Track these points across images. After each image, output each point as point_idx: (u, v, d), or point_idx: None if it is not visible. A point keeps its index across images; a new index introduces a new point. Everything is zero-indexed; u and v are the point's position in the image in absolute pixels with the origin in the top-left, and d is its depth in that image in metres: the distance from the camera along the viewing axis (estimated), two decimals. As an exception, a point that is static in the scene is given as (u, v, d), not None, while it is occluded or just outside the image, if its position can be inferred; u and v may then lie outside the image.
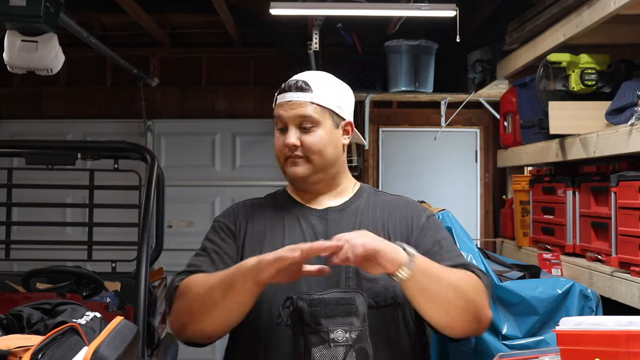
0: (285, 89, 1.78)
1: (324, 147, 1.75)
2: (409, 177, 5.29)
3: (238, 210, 1.84)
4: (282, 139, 1.76)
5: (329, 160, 1.77)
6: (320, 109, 1.75)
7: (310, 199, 1.82)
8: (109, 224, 3.90)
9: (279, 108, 1.77)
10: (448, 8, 3.58)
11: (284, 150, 1.76)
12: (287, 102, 1.76)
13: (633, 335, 1.30)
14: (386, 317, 1.65)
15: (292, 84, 1.77)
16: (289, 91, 1.77)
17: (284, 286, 1.54)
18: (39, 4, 2.74)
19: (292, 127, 1.74)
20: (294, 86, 1.77)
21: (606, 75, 2.79)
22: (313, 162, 1.75)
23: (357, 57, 4.92)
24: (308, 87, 1.76)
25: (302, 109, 1.74)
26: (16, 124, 5.53)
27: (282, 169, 1.80)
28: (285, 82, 1.80)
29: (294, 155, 1.75)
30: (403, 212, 1.80)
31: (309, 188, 1.81)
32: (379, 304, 1.64)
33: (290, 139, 1.73)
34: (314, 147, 1.74)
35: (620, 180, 2.32)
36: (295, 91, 1.76)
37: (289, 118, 1.74)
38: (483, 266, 2.23)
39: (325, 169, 1.77)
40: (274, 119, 1.80)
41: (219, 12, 4.48)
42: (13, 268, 4.86)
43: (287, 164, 1.77)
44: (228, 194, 5.46)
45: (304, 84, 1.77)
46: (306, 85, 1.76)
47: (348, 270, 1.66)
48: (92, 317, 1.76)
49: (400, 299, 1.66)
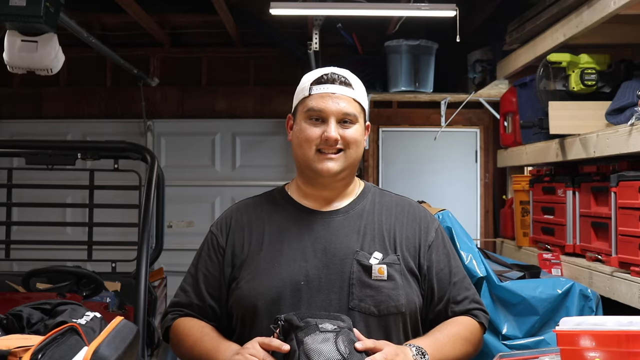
0: (326, 80, 1.71)
1: (359, 143, 1.73)
2: (409, 177, 5.29)
3: (232, 220, 1.79)
4: (316, 130, 1.69)
5: (357, 158, 1.75)
6: (359, 107, 1.73)
7: (315, 201, 1.77)
8: (109, 224, 3.90)
9: (318, 99, 1.69)
10: (448, 8, 3.58)
11: (316, 141, 1.69)
12: (329, 94, 1.69)
13: (633, 335, 1.30)
14: (388, 325, 1.65)
15: (336, 77, 1.72)
16: (332, 83, 1.71)
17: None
18: (39, 4, 2.74)
19: (333, 121, 1.69)
20: (337, 79, 1.71)
21: (606, 75, 2.79)
22: (349, 155, 1.71)
23: (357, 57, 4.92)
24: (350, 83, 1.73)
25: (347, 104, 1.70)
26: (16, 124, 5.54)
27: (306, 163, 1.72)
28: (321, 72, 1.73)
29: (330, 150, 1.69)
30: (410, 218, 1.78)
31: (330, 186, 1.75)
32: (381, 312, 1.64)
33: (333, 132, 1.68)
34: (352, 140, 1.70)
35: (620, 180, 2.32)
36: (340, 85, 1.71)
37: (332, 111, 1.68)
38: (483, 266, 2.24)
39: (352, 166, 1.74)
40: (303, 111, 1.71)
41: (219, 12, 4.48)
42: (13, 268, 4.87)
43: (317, 158, 1.70)
44: (228, 194, 5.46)
45: (346, 79, 1.72)
46: (348, 81, 1.73)
47: (352, 277, 1.65)
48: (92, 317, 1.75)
49: (404, 308, 1.66)
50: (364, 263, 1.66)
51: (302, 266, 1.66)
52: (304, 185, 1.79)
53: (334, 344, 1.44)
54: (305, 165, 1.73)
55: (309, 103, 1.71)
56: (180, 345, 1.74)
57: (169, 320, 1.78)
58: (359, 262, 1.66)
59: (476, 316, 1.75)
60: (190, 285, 1.78)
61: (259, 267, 1.69)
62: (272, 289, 1.64)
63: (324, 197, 1.77)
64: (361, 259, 1.67)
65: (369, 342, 1.51)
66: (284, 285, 1.64)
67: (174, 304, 1.80)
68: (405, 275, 1.69)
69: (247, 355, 1.51)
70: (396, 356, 1.52)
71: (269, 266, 1.68)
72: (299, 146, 1.72)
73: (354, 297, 1.63)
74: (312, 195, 1.78)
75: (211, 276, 1.75)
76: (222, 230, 1.78)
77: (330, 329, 1.47)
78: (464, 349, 1.68)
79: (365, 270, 1.66)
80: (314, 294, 1.63)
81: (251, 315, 1.66)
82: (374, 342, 1.52)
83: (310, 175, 1.74)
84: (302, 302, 1.63)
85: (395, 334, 1.66)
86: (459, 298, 1.74)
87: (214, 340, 1.67)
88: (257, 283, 1.66)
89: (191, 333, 1.71)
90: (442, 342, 1.64)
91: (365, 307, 1.63)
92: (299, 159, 1.75)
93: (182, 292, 1.79)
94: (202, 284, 1.75)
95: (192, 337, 1.70)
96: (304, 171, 1.75)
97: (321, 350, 1.42)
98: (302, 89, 1.74)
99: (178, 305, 1.78)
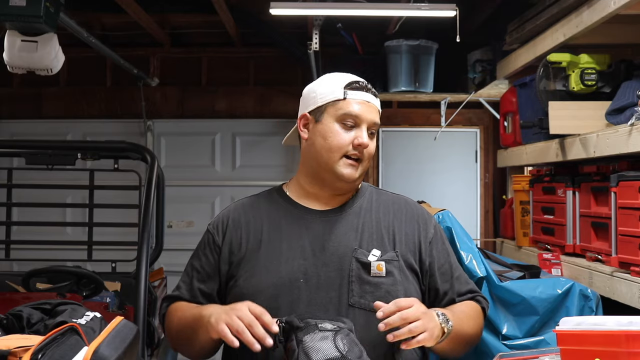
0: (360, 88, 1.75)
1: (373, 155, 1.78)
2: (409, 177, 5.29)
3: (229, 219, 1.80)
4: (348, 135, 1.71)
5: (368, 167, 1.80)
6: (379, 118, 1.78)
7: (316, 200, 1.79)
8: (109, 224, 3.90)
9: (355, 105, 1.72)
10: (448, 8, 3.58)
11: (347, 148, 1.71)
12: (365, 102, 1.73)
13: (633, 335, 1.30)
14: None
15: (369, 87, 1.76)
16: (367, 92, 1.75)
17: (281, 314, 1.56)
18: (39, 4, 2.74)
19: (364, 128, 1.72)
20: (370, 90, 1.76)
21: (606, 75, 2.78)
22: (364, 167, 1.75)
23: (357, 57, 4.92)
24: (376, 95, 1.78)
25: (376, 115, 1.75)
26: (16, 124, 5.54)
27: (329, 165, 1.72)
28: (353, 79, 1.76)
29: (354, 156, 1.72)
30: (408, 215, 1.81)
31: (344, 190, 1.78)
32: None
33: (366, 139, 1.71)
34: (372, 152, 1.76)
35: (620, 180, 2.32)
36: (372, 95, 1.76)
37: (367, 119, 1.73)
38: (483, 266, 2.24)
39: (363, 175, 1.79)
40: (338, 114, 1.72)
41: (219, 12, 4.48)
42: (13, 268, 4.87)
43: (342, 163, 1.72)
44: (228, 194, 5.46)
45: (374, 91, 1.78)
46: (376, 93, 1.78)
47: (351, 274, 1.66)
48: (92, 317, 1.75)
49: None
50: (362, 260, 1.68)
51: (300, 264, 1.68)
52: (310, 185, 1.79)
53: (333, 342, 1.44)
54: (326, 168, 1.73)
55: (344, 106, 1.72)
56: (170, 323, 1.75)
57: (164, 308, 1.80)
58: (357, 260, 1.68)
59: (479, 301, 1.80)
60: (184, 282, 1.80)
61: (258, 264, 1.70)
62: (270, 286, 1.66)
63: (328, 198, 1.78)
64: (360, 256, 1.68)
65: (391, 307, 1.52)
66: (282, 282, 1.65)
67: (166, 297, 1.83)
68: (404, 271, 1.71)
69: (233, 317, 1.51)
70: (424, 314, 1.55)
71: (267, 264, 1.69)
72: (327, 148, 1.72)
73: (354, 294, 1.65)
74: (315, 195, 1.79)
75: (205, 273, 1.77)
76: (218, 228, 1.80)
77: (330, 328, 1.47)
78: (475, 326, 1.74)
79: (364, 267, 1.67)
80: (312, 292, 1.65)
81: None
82: (396, 305, 1.53)
83: (327, 178, 1.74)
84: (301, 299, 1.64)
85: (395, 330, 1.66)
86: (464, 290, 1.79)
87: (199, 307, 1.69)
88: (256, 280, 1.67)
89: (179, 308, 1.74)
90: (459, 316, 1.67)
91: (365, 303, 1.64)
92: (320, 160, 1.74)
93: (176, 287, 1.82)
94: (195, 280, 1.77)
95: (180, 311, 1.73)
96: (321, 173, 1.75)
97: (319, 347, 1.43)
98: (333, 91, 1.74)
99: (170, 298, 1.81)
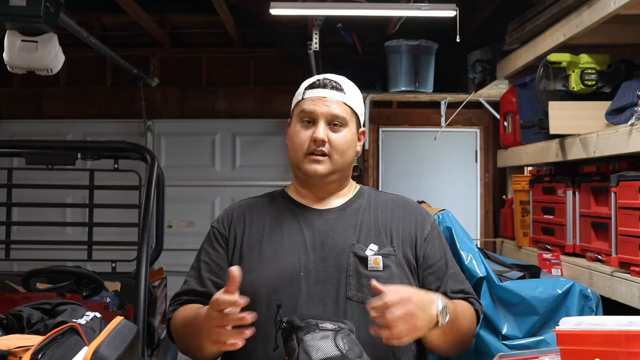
0: (318, 85, 1.78)
1: (347, 148, 1.77)
2: (409, 177, 5.29)
3: (233, 214, 1.84)
4: (307, 132, 1.75)
5: (347, 162, 1.79)
6: (350, 111, 1.78)
7: (312, 200, 1.83)
8: (109, 224, 3.90)
9: (309, 102, 1.76)
10: (448, 8, 3.58)
11: (307, 144, 1.74)
12: (320, 97, 1.76)
13: (633, 335, 1.30)
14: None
15: (327, 82, 1.78)
16: (323, 88, 1.77)
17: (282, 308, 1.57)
18: (39, 4, 2.75)
19: (322, 122, 1.74)
20: (329, 84, 1.78)
21: (606, 75, 2.78)
22: (334, 161, 1.75)
23: (357, 57, 4.92)
24: (342, 88, 1.79)
25: (336, 107, 1.76)
26: (16, 124, 5.54)
27: (297, 164, 1.78)
28: (315, 79, 1.81)
29: (318, 152, 1.74)
30: (406, 212, 1.82)
31: (321, 187, 1.80)
32: None
33: (320, 134, 1.73)
34: (339, 146, 1.75)
35: (620, 180, 2.32)
36: (331, 89, 1.77)
37: (322, 113, 1.74)
38: (483, 266, 2.24)
39: (341, 170, 1.79)
40: (297, 113, 1.78)
41: (219, 12, 4.48)
42: (13, 268, 4.87)
43: (306, 160, 1.75)
44: (228, 194, 5.46)
45: (337, 84, 1.79)
46: (340, 86, 1.79)
47: (349, 268, 1.68)
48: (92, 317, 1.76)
49: None
50: (360, 254, 1.71)
51: (301, 258, 1.71)
52: (300, 186, 1.85)
53: (333, 341, 1.45)
54: (296, 166, 1.80)
55: (301, 106, 1.78)
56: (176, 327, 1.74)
57: (170, 313, 1.79)
58: (355, 254, 1.71)
59: (472, 303, 1.78)
60: (192, 276, 1.80)
61: (260, 258, 1.73)
62: (271, 279, 1.68)
63: (319, 197, 1.82)
64: (357, 250, 1.71)
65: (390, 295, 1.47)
66: (282, 275, 1.68)
67: (175, 295, 1.81)
68: (401, 265, 1.73)
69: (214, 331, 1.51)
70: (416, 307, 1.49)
71: (269, 257, 1.72)
72: (293, 148, 1.80)
73: (351, 288, 1.67)
74: (308, 195, 1.84)
75: (214, 264, 1.78)
76: (223, 223, 1.83)
77: (331, 328, 1.48)
78: (467, 323, 1.72)
79: (362, 262, 1.70)
80: (311, 285, 1.67)
81: (250, 304, 1.66)
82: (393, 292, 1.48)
83: (300, 176, 1.81)
84: (301, 292, 1.67)
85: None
86: (456, 289, 1.77)
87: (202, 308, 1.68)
88: (257, 273, 1.70)
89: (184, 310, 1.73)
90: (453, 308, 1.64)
91: (363, 297, 1.65)
92: (291, 160, 1.82)
93: (184, 284, 1.81)
94: (205, 272, 1.77)
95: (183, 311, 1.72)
96: (296, 172, 1.83)
97: (319, 346, 1.44)
98: (298, 94, 1.82)
99: (178, 295, 1.80)
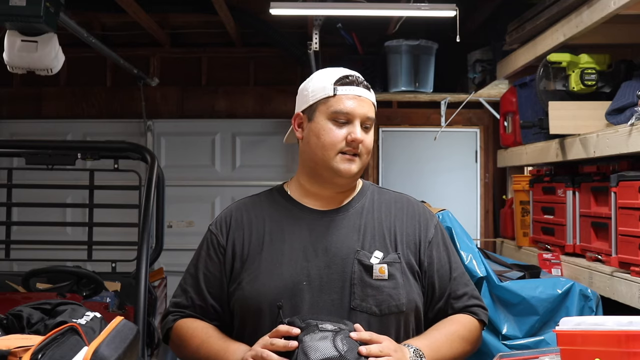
0: (351, 82, 1.71)
1: (371, 148, 1.75)
2: (409, 177, 5.29)
3: (231, 219, 1.78)
4: (340, 131, 1.69)
5: (368, 162, 1.76)
6: (374, 112, 1.75)
7: (317, 199, 1.77)
8: (109, 224, 3.90)
9: (346, 100, 1.69)
10: (448, 8, 3.58)
11: (341, 144, 1.69)
12: (356, 96, 1.70)
13: (633, 335, 1.30)
14: (389, 324, 1.65)
15: (360, 80, 1.73)
16: (357, 85, 1.71)
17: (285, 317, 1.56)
18: (39, 4, 2.75)
19: (357, 123, 1.69)
20: (361, 82, 1.72)
21: (606, 75, 2.78)
22: (363, 161, 1.72)
23: (357, 57, 4.92)
24: (368, 86, 1.74)
25: (370, 108, 1.72)
26: (16, 124, 5.54)
27: (326, 163, 1.69)
28: (343, 73, 1.73)
29: (353, 152, 1.69)
30: (409, 214, 1.79)
31: (344, 186, 1.76)
32: (382, 311, 1.64)
33: (360, 135, 1.68)
34: (369, 146, 1.72)
35: (620, 180, 2.32)
36: (364, 88, 1.72)
37: (359, 114, 1.69)
38: (483, 266, 2.24)
39: (363, 169, 1.76)
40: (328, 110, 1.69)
41: (219, 12, 4.48)
42: (13, 268, 4.87)
43: (338, 159, 1.69)
44: (228, 194, 5.46)
45: (365, 81, 1.74)
46: (367, 84, 1.74)
47: (353, 277, 1.65)
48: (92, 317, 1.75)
49: (405, 307, 1.66)
50: (365, 262, 1.67)
51: (303, 266, 1.66)
52: (310, 184, 1.78)
53: (332, 342, 1.45)
54: (324, 166, 1.71)
55: (334, 104, 1.69)
56: (184, 347, 1.73)
57: (170, 322, 1.77)
58: (360, 262, 1.66)
59: (475, 314, 1.76)
60: (190, 285, 1.77)
61: (261, 267, 1.69)
62: (274, 290, 1.64)
63: (329, 197, 1.77)
64: (362, 258, 1.67)
65: (365, 334, 1.51)
66: (286, 285, 1.64)
67: (175, 304, 1.79)
68: (405, 273, 1.70)
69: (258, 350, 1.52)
70: (395, 352, 1.52)
71: (270, 266, 1.68)
72: (321, 147, 1.70)
73: (356, 297, 1.63)
74: (316, 194, 1.77)
75: (212, 276, 1.75)
76: (221, 229, 1.78)
77: (330, 329, 1.48)
78: (461, 347, 1.69)
79: (367, 270, 1.66)
80: (315, 294, 1.63)
81: (253, 316, 1.66)
82: (370, 335, 1.52)
83: (326, 176, 1.73)
84: (304, 302, 1.63)
85: (396, 333, 1.66)
86: (459, 293, 1.75)
87: (222, 342, 1.67)
88: (259, 284, 1.66)
89: (196, 334, 1.70)
90: (439, 342, 1.64)
91: (367, 307, 1.63)
92: (316, 158, 1.72)
93: (182, 292, 1.78)
94: (203, 284, 1.75)
95: (197, 338, 1.69)
96: (319, 171, 1.73)
97: (318, 346, 1.43)
98: (323, 88, 1.71)
99: (179, 306, 1.77)
